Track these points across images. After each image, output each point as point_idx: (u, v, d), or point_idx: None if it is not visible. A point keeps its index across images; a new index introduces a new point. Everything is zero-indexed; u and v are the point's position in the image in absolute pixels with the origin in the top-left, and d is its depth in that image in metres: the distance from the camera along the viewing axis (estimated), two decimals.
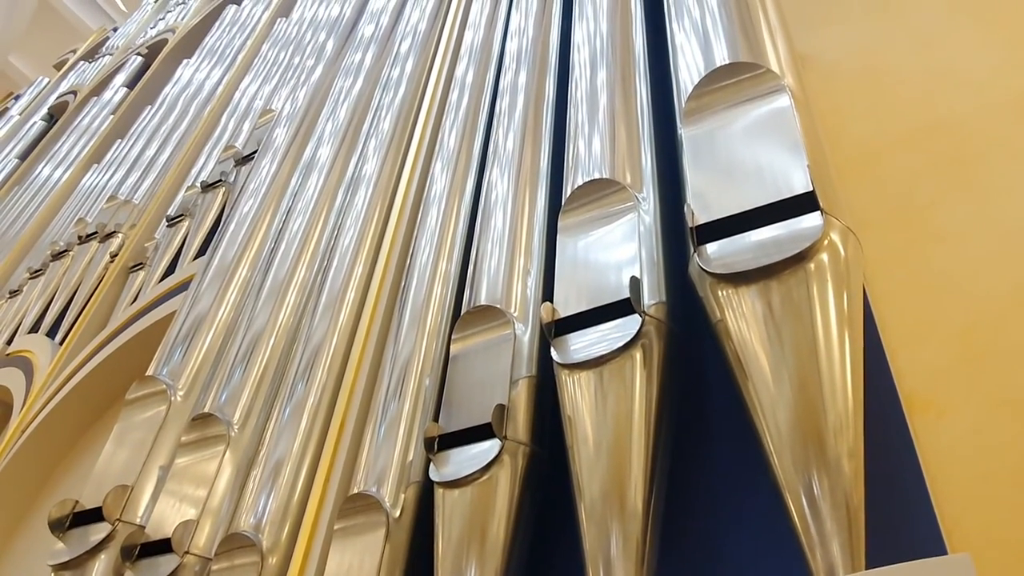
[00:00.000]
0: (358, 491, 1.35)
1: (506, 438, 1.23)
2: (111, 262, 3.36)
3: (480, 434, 1.27)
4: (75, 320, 3.15)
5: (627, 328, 1.18)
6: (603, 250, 1.35)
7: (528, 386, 1.33)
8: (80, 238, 3.73)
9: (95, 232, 3.66)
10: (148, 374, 1.98)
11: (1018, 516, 0.99)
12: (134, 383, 1.95)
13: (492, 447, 1.23)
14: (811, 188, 1.11)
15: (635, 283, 1.21)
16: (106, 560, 1.58)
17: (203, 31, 5.39)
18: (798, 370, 0.98)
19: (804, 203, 1.11)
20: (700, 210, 1.19)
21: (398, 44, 2.90)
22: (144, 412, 1.88)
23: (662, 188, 1.47)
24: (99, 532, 1.61)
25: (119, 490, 1.65)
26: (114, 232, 3.54)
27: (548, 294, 1.36)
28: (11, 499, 2.62)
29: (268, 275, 2.11)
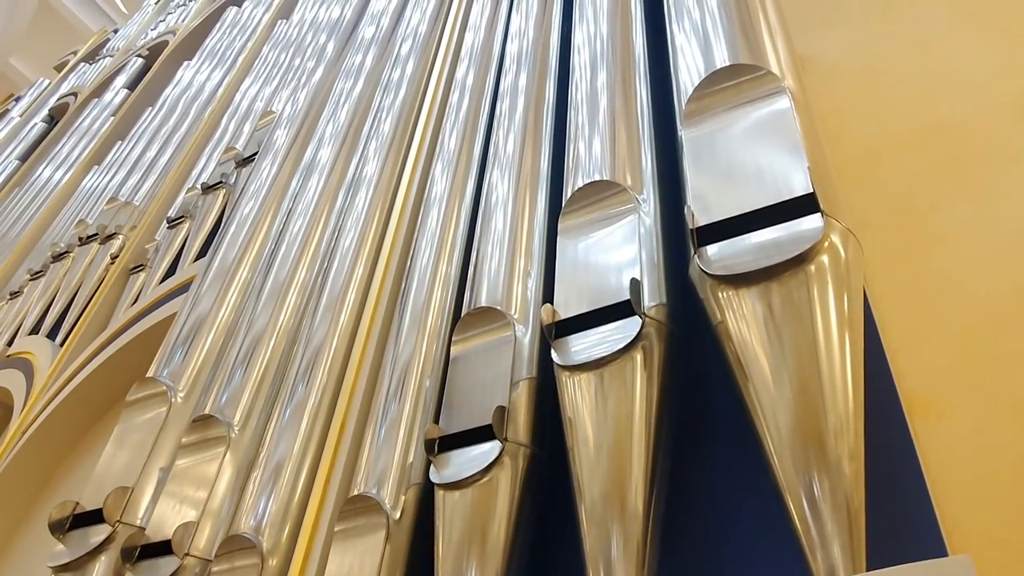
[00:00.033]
0: (358, 493, 1.35)
1: (506, 440, 1.23)
2: (112, 264, 3.36)
3: (480, 436, 1.27)
4: (76, 322, 3.15)
5: (627, 330, 1.18)
6: (603, 252, 1.35)
7: (528, 388, 1.33)
8: (81, 240, 3.73)
9: (96, 234, 3.66)
10: (148, 376, 1.98)
11: (1018, 517, 0.99)
12: (134, 385, 1.95)
13: (492, 449, 1.23)
14: (811, 190, 1.11)
15: (635, 285, 1.21)
16: (106, 562, 1.58)
17: (204, 33, 5.40)
18: (798, 371, 0.98)
19: (804, 205, 1.11)
20: (700, 212, 1.19)
21: (399, 46, 2.90)
22: (144, 414, 1.88)
23: (662, 190, 1.47)
24: (99, 534, 1.61)
25: (119, 492, 1.65)
26: (115, 234, 3.55)
27: (548, 296, 1.36)
28: (11, 501, 2.62)
29: (269, 277, 2.11)
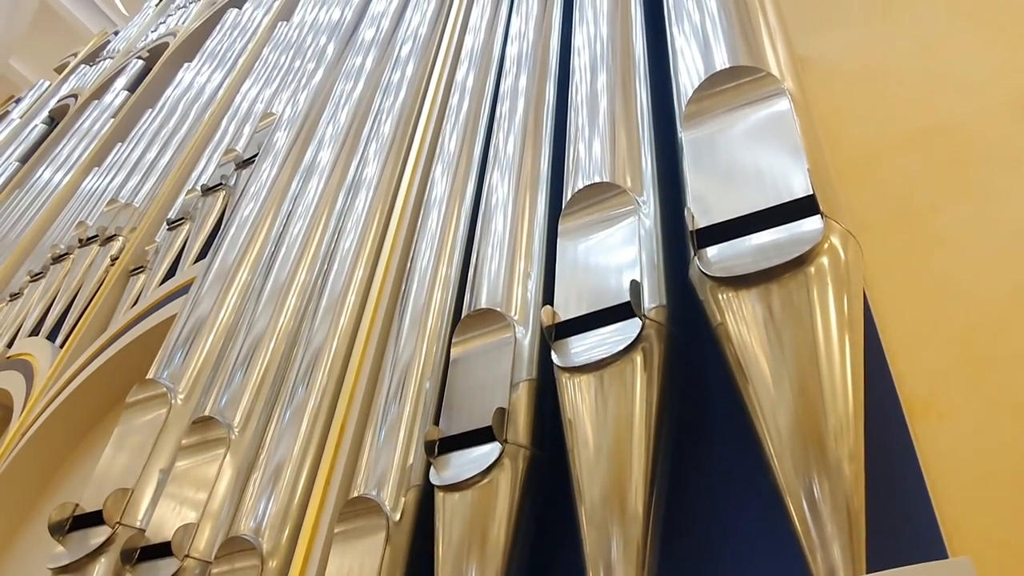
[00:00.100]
0: (358, 494, 1.35)
1: (506, 441, 1.23)
2: (112, 265, 3.36)
3: (480, 437, 1.26)
4: (75, 323, 3.15)
5: (627, 332, 1.18)
6: (603, 253, 1.35)
7: (528, 389, 1.33)
8: (81, 241, 3.74)
9: (96, 235, 3.66)
10: (148, 377, 1.98)
11: (1019, 518, 0.99)
12: (134, 386, 1.95)
13: (492, 450, 1.23)
14: (811, 192, 1.11)
15: (635, 287, 1.21)
16: (106, 563, 1.58)
17: (204, 35, 5.41)
18: (798, 373, 0.98)
19: (804, 207, 1.11)
20: (700, 214, 1.19)
21: (399, 48, 2.90)
22: (144, 415, 1.88)
23: (662, 191, 1.47)
24: (99, 535, 1.61)
25: (119, 493, 1.65)
26: (115, 235, 3.55)
27: (548, 297, 1.36)
28: (11, 502, 2.62)
29: (268, 278, 2.11)
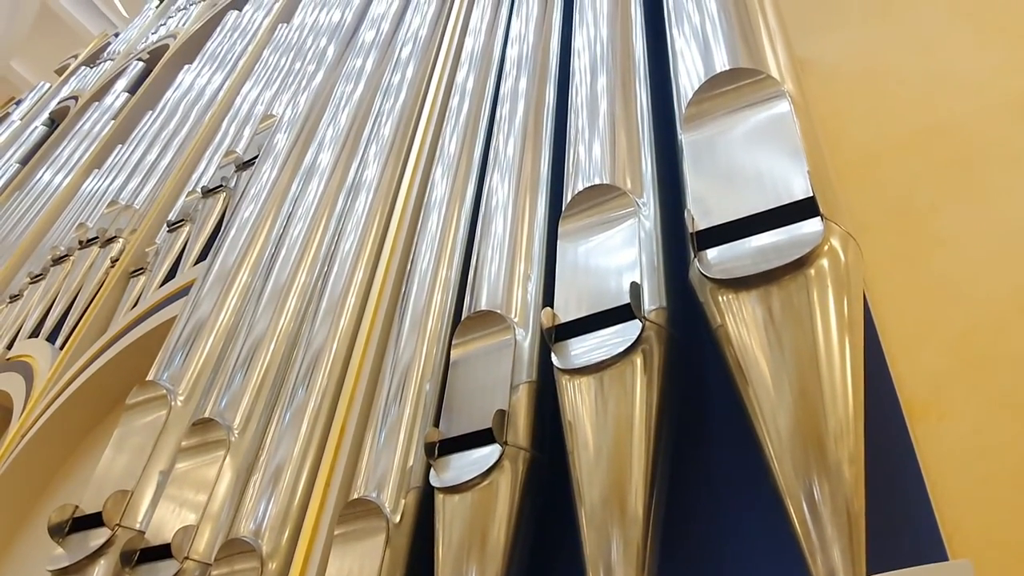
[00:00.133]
0: (358, 496, 1.35)
1: (506, 443, 1.23)
2: (112, 267, 3.36)
3: (480, 439, 1.26)
4: (75, 325, 3.15)
5: (627, 333, 1.18)
6: (603, 255, 1.35)
7: (528, 391, 1.33)
8: (81, 243, 3.74)
9: (96, 237, 3.66)
10: (148, 379, 1.98)
11: (1019, 520, 0.99)
12: (134, 388, 1.95)
13: (492, 452, 1.23)
14: (811, 194, 1.11)
15: (635, 288, 1.21)
16: (105, 565, 1.58)
17: (204, 37, 5.41)
18: (798, 375, 0.98)
19: (804, 208, 1.11)
20: (700, 215, 1.19)
21: (399, 50, 2.91)
22: (144, 417, 1.88)
23: (662, 193, 1.47)
24: (99, 537, 1.61)
25: (119, 495, 1.65)
26: (115, 237, 3.55)
27: (548, 299, 1.36)
28: (11, 504, 2.62)
29: (269, 280, 2.11)
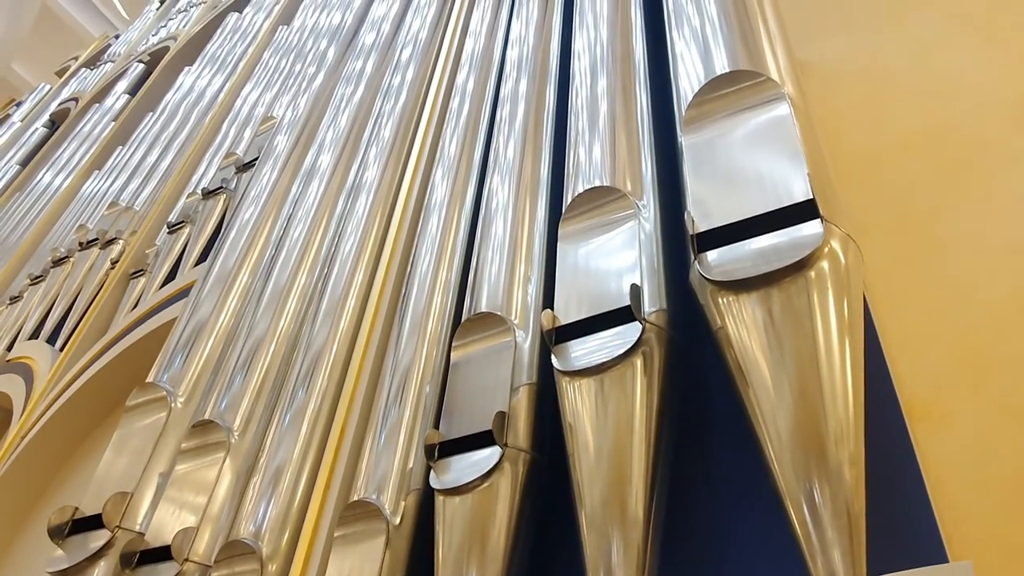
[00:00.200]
0: (358, 498, 1.35)
1: (507, 445, 1.23)
2: (112, 268, 3.36)
3: (480, 441, 1.26)
4: (75, 326, 3.15)
5: (628, 335, 1.18)
6: (604, 257, 1.35)
7: (528, 393, 1.33)
8: (81, 244, 3.74)
9: (96, 238, 3.67)
10: (148, 381, 1.98)
11: (1019, 521, 0.99)
12: (134, 390, 1.95)
13: (492, 454, 1.23)
14: (811, 196, 1.11)
15: (636, 290, 1.21)
16: (105, 567, 1.58)
17: (205, 39, 5.41)
18: (799, 377, 0.98)
19: (804, 211, 1.11)
20: (700, 218, 1.19)
21: (399, 52, 2.91)
22: (144, 419, 1.88)
23: (662, 195, 1.47)
24: (98, 539, 1.61)
25: (119, 497, 1.65)
26: (115, 238, 3.55)
27: (549, 301, 1.36)
28: (10, 506, 2.62)
29: (269, 282, 2.11)
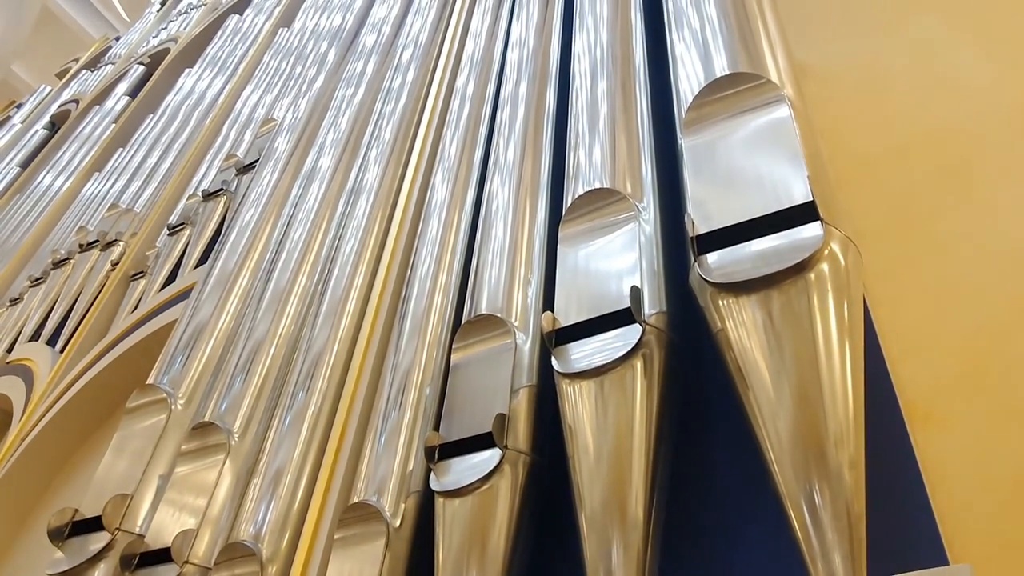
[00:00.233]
0: (358, 500, 1.35)
1: (507, 447, 1.23)
2: (112, 270, 3.37)
3: (481, 443, 1.26)
4: (76, 328, 3.15)
5: (628, 338, 1.18)
6: (604, 259, 1.35)
7: (528, 395, 1.33)
8: (81, 246, 3.74)
9: (96, 240, 3.67)
10: (148, 382, 1.98)
11: (1020, 524, 0.99)
12: (134, 391, 1.95)
13: (493, 456, 1.23)
14: (811, 198, 1.11)
15: (636, 293, 1.21)
16: (105, 569, 1.57)
17: (205, 41, 5.42)
18: (799, 380, 0.98)
19: (804, 213, 1.11)
20: (700, 220, 1.19)
21: (399, 54, 2.91)
22: (144, 421, 1.88)
23: (662, 198, 1.47)
24: (98, 541, 1.61)
25: (119, 499, 1.65)
26: (115, 240, 3.55)
27: (549, 304, 1.36)
28: (10, 508, 2.62)
29: (269, 284, 2.11)
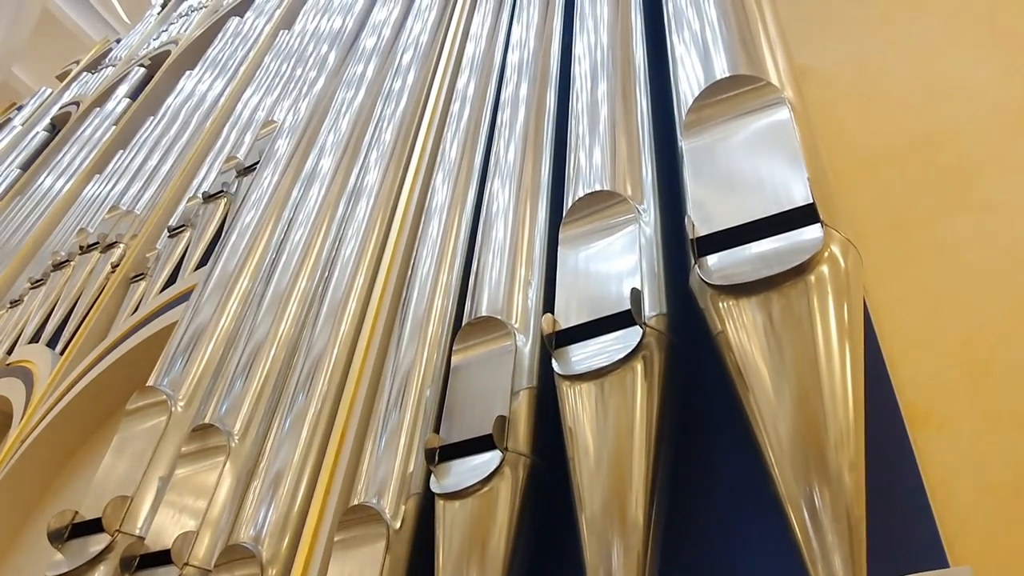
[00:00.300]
0: (358, 502, 1.35)
1: (507, 449, 1.23)
2: (112, 272, 3.37)
3: (481, 445, 1.26)
4: (76, 330, 3.15)
5: (628, 340, 1.18)
6: (604, 261, 1.35)
7: (529, 397, 1.33)
8: (81, 248, 3.74)
9: (96, 242, 3.67)
10: (149, 384, 1.98)
11: (1019, 527, 0.99)
12: (134, 393, 1.95)
13: (493, 458, 1.23)
14: (811, 200, 1.11)
15: (636, 295, 1.21)
16: (105, 571, 1.57)
17: (206, 43, 5.42)
18: (799, 382, 0.98)
19: (804, 215, 1.11)
20: (701, 222, 1.19)
21: (400, 56, 2.91)
22: (144, 422, 1.88)
23: (663, 200, 1.47)
24: (98, 543, 1.61)
25: (119, 501, 1.65)
26: (115, 242, 3.55)
27: (549, 305, 1.36)
28: (10, 509, 2.61)
29: (269, 286, 2.11)
